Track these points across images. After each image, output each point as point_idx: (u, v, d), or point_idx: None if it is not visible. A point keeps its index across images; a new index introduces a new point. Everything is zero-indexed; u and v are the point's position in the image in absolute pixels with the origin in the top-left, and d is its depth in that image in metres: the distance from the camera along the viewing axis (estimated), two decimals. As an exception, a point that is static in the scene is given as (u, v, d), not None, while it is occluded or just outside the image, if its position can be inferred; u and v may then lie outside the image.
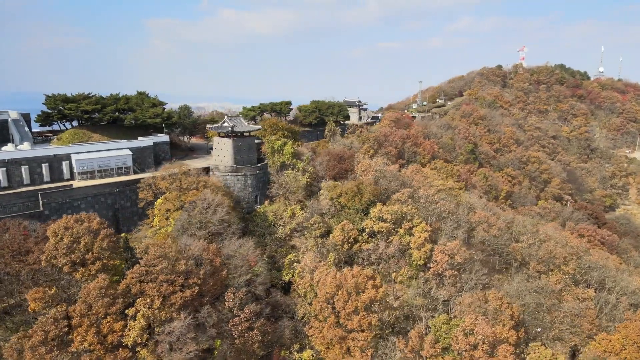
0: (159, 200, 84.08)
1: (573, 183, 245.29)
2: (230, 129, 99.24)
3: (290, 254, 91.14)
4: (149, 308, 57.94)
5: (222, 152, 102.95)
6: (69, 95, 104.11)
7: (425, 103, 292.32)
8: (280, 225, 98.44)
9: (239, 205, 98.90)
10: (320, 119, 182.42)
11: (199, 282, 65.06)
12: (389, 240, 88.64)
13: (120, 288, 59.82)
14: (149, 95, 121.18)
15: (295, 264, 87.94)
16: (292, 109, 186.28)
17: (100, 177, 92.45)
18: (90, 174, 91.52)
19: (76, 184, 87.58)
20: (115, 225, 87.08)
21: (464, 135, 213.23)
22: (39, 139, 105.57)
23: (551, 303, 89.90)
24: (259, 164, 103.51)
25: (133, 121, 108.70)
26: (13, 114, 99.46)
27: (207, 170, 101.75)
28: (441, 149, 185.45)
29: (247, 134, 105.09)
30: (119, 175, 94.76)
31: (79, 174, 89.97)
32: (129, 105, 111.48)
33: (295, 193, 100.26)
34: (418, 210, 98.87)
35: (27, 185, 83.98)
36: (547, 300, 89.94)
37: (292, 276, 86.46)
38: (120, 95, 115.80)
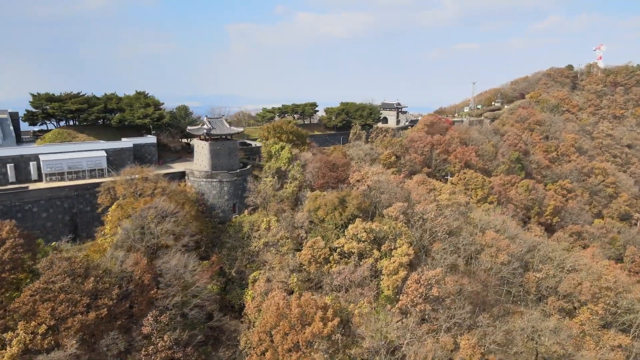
0: (113, 207, 78.68)
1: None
2: (205, 131, 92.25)
3: (256, 271, 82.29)
4: (31, 333, 51.66)
5: (201, 156, 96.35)
6: (57, 94, 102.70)
7: (479, 106, 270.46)
8: (255, 237, 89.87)
9: (211, 214, 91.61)
10: (347, 122, 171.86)
11: (110, 302, 58.12)
12: (361, 262, 76.87)
13: (11, 307, 54.21)
14: (148, 95, 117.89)
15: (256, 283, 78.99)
16: (317, 110, 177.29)
17: (71, 179, 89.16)
18: (60, 176, 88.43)
19: (42, 185, 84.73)
20: (74, 231, 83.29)
21: (512, 142, 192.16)
22: (29, 138, 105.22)
23: (562, 353, 73.37)
24: (238, 170, 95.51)
25: (120, 121, 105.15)
26: (1, 113, 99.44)
27: (184, 175, 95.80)
28: (479, 157, 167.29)
29: (228, 137, 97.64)
30: (92, 177, 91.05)
31: (47, 175, 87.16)
32: (120, 105, 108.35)
33: (271, 203, 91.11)
34: (409, 229, 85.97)
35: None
36: (557, 348, 73.55)
37: (253, 298, 77.53)
38: (124, 94, 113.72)
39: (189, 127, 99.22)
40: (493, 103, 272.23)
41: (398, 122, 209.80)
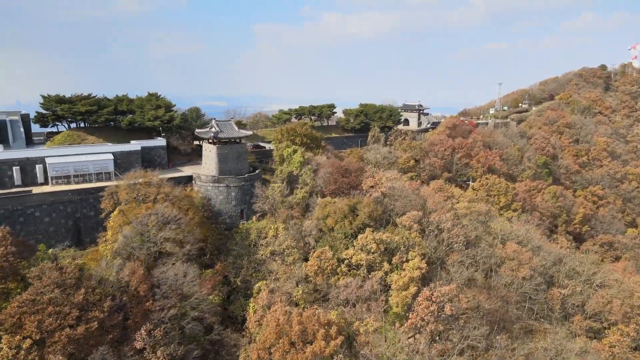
0: (115, 212, 76.55)
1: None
2: (213, 134, 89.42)
3: (260, 281, 78.90)
4: (15, 347, 49.38)
5: (208, 160, 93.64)
6: (67, 96, 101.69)
7: (505, 108, 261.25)
8: (262, 245, 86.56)
9: (217, 221, 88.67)
10: (366, 124, 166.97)
11: (102, 315, 55.55)
12: (370, 276, 72.51)
13: (-2, 318, 52.13)
14: (160, 96, 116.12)
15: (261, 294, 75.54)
16: (335, 112, 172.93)
17: (77, 183, 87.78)
18: (66, 179, 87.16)
19: (48, 189, 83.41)
20: (77, 236, 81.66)
21: (539, 146, 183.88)
22: (42, 140, 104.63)
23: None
24: (247, 175, 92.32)
25: (130, 123, 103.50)
26: (12, 115, 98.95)
27: (191, 179, 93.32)
28: (503, 162, 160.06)
29: (237, 140, 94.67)
30: (99, 180, 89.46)
31: (53, 178, 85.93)
32: (130, 107, 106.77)
33: (279, 209, 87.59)
34: (424, 240, 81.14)
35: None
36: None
37: (255, 310, 74.10)
38: (135, 96, 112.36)
39: (197, 130, 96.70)
40: (520, 105, 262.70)
41: (419, 124, 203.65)
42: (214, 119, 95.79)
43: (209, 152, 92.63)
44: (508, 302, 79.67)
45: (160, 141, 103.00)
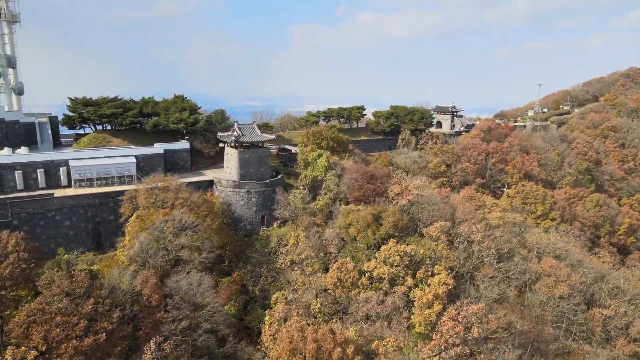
0: (132, 218, 75.49)
1: None
2: (234, 138, 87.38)
3: (278, 291, 76.14)
4: (20, 359, 48.22)
5: (230, 164, 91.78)
6: (94, 98, 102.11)
7: (545, 110, 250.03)
8: (282, 253, 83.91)
9: (237, 227, 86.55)
10: (396, 127, 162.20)
11: (110, 327, 54.00)
12: (392, 290, 68.48)
13: (7, 328, 51.31)
14: (186, 98, 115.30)
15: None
16: (364, 114, 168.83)
17: (100, 186, 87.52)
18: (89, 182, 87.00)
19: (70, 191, 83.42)
20: (97, 240, 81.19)
21: (581, 150, 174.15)
22: (71, 142, 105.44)
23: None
24: (268, 180, 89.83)
25: (154, 126, 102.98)
26: (41, 117, 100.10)
27: (212, 183, 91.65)
28: (542, 167, 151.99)
29: (260, 144, 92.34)
30: (121, 184, 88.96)
31: (76, 181, 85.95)
32: (156, 109, 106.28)
33: (301, 216, 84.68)
34: (452, 252, 76.43)
35: (21, 190, 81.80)
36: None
37: (270, 323, 71.33)
38: (161, 98, 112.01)
39: (219, 134, 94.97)
40: (561, 106, 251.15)
41: (452, 126, 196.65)
42: (236, 122, 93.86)
43: (231, 156, 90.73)
44: (543, 321, 73.96)
45: (184, 144, 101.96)
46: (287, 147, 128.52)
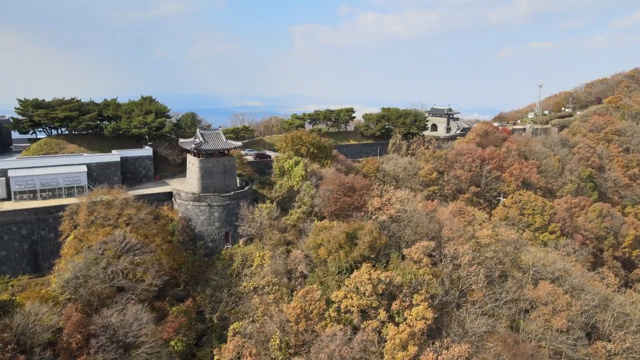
0: (70, 238, 66.37)
1: None
2: (194, 146, 78.13)
3: (236, 321, 66.70)
4: None
5: (191, 174, 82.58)
6: (47, 100, 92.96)
7: (546, 112, 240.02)
8: (246, 275, 74.68)
9: (196, 245, 77.28)
10: (388, 130, 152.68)
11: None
12: (363, 325, 59.07)
13: None
14: (154, 100, 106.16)
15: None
16: (354, 117, 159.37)
17: (45, 198, 78.42)
18: (32, 194, 77.90)
19: (9, 205, 74.21)
20: (34, 262, 71.84)
21: (584, 156, 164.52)
22: (21, 149, 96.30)
23: None
24: (233, 192, 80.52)
25: (114, 131, 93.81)
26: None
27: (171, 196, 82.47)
28: (541, 174, 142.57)
29: (226, 152, 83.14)
30: (70, 196, 79.80)
31: (16, 193, 76.81)
32: (118, 112, 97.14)
33: (268, 233, 75.45)
34: (435, 278, 67.00)
35: (-48, 204, 72.78)
36: None
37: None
38: (127, 100, 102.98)
39: (180, 140, 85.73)
40: (563, 109, 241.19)
41: (448, 129, 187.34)
42: (199, 128, 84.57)
43: (192, 165, 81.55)
44: (539, 358, 64.45)
45: (146, 151, 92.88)
46: (268, 152, 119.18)
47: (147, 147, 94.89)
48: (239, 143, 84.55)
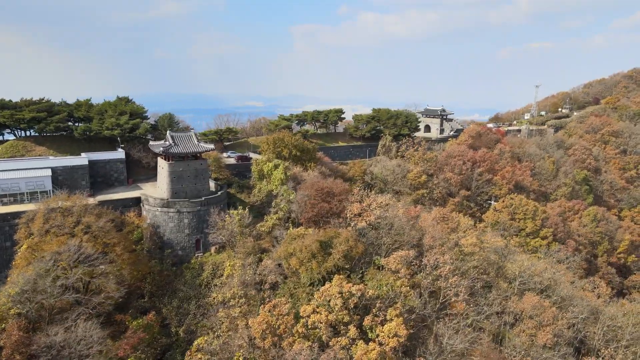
0: (23, 247, 62.37)
1: None
2: (163, 149, 74.10)
3: (203, 336, 62.74)
4: None
5: (161, 178, 78.64)
6: (15, 100, 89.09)
7: (543, 113, 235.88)
8: (216, 285, 70.67)
9: (164, 254, 73.29)
10: (378, 132, 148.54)
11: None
12: (331, 343, 55.00)
13: None
14: (130, 100, 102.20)
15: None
16: (343, 118, 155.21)
17: (6, 204, 74.46)
18: (-8, 200, 73.99)
19: (-33, 211, 70.29)
20: (-12, 271, 67.96)
21: (579, 158, 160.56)
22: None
23: None
24: (204, 198, 76.47)
25: (85, 132, 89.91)
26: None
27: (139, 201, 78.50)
28: (535, 177, 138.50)
29: (198, 155, 79.16)
30: (33, 201, 75.71)
31: (-25, 199, 72.95)
32: (90, 113, 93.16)
33: (239, 241, 71.43)
34: (413, 289, 63.00)
35: None
36: None
37: (187, 376, 58.03)
38: (102, 100, 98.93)
39: (150, 143, 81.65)
40: (560, 109, 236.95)
41: (442, 131, 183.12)
42: (168, 131, 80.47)
43: (162, 169, 77.63)
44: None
45: (118, 153, 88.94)
46: (251, 154, 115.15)
47: (119, 150, 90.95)
48: (211, 146, 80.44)
